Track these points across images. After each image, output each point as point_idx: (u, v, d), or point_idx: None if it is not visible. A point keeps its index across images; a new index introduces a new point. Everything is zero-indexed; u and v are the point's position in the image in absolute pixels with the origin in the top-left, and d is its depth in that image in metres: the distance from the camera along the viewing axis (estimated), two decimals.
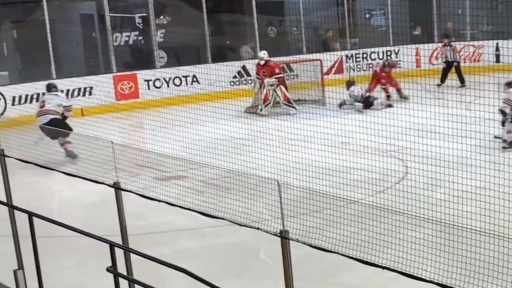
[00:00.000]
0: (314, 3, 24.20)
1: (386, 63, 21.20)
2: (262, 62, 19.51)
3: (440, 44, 23.48)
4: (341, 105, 19.16)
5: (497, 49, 23.04)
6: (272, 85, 19.03)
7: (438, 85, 22.22)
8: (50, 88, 16.70)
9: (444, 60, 22.86)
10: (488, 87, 17.54)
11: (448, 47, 22.65)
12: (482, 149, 12.51)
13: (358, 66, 23.95)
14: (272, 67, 19.41)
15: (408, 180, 12.20)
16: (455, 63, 22.57)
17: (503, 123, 14.55)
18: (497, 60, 22.73)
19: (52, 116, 15.80)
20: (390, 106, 19.07)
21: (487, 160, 11.78)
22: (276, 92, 19.23)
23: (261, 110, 19.05)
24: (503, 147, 14.27)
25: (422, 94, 15.74)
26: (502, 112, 14.49)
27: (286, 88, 19.55)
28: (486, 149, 12.40)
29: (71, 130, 15.46)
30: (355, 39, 25.30)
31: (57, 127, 15.47)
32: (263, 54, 19.65)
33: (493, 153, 12.14)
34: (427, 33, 25.23)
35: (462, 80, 22.13)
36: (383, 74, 20.34)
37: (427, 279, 5.06)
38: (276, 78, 19.25)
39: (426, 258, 5.53)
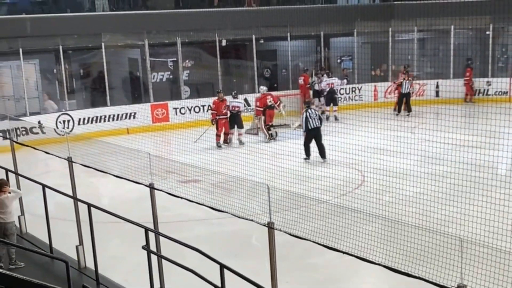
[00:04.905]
0: (300, 51, 24.22)
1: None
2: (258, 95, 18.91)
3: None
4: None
5: (437, 86, 22.74)
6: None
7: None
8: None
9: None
10: (429, 115, 17.56)
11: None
12: (421, 163, 12.48)
13: None
14: (263, 99, 18.35)
15: (364, 186, 12.17)
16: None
17: None
18: (437, 95, 22.58)
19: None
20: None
21: (425, 172, 11.73)
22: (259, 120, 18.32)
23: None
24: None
25: (377, 121, 15.71)
26: None
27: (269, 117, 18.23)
28: (424, 163, 12.36)
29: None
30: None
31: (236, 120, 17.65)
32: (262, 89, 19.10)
33: (430, 166, 12.05)
34: (384, 74, 25.01)
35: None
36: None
37: (376, 262, 5.03)
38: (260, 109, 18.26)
39: (376, 246, 5.47)
